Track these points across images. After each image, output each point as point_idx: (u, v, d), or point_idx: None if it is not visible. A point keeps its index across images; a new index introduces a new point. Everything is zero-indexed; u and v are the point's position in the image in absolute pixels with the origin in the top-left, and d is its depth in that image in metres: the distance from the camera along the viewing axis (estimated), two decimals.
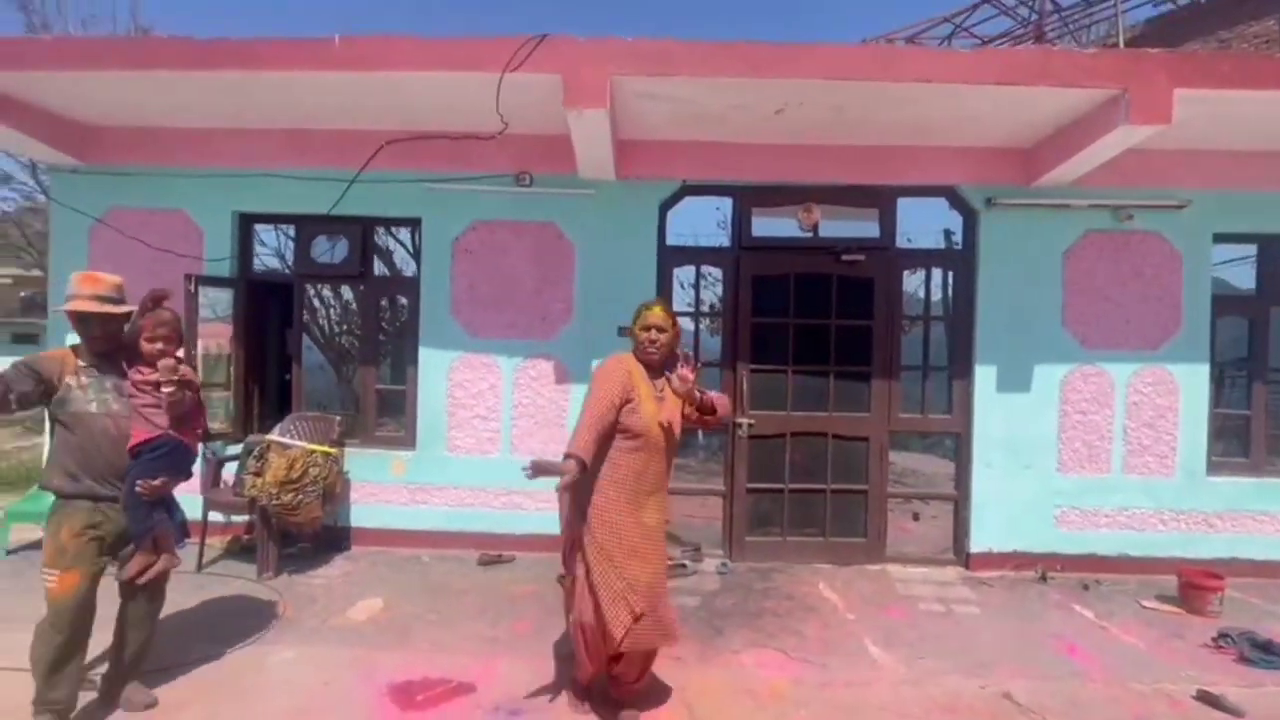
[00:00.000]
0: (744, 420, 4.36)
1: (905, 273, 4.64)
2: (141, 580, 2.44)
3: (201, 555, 4.04)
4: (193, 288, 4.31)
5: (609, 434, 2.35)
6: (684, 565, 4.18)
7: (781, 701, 2.70)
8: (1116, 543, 4.31)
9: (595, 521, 2.36)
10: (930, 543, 4.81)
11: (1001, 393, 4.34)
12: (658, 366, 2.54)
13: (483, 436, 4.48)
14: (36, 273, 12.14)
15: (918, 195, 4.49)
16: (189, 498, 4.39)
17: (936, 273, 4.74)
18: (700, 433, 7.57)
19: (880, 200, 4.44)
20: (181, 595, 3.59)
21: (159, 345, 2.39)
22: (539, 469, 2.17)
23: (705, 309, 6.27)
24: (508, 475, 4.42)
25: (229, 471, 4.34)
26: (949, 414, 4.51)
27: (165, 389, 2.35)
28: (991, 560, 4.31)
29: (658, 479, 2.46)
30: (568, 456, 2.22)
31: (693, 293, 7.51)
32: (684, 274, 4.97)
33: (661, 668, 2.91)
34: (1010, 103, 3.60)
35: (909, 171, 4.33)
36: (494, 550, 4.33)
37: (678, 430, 2.51)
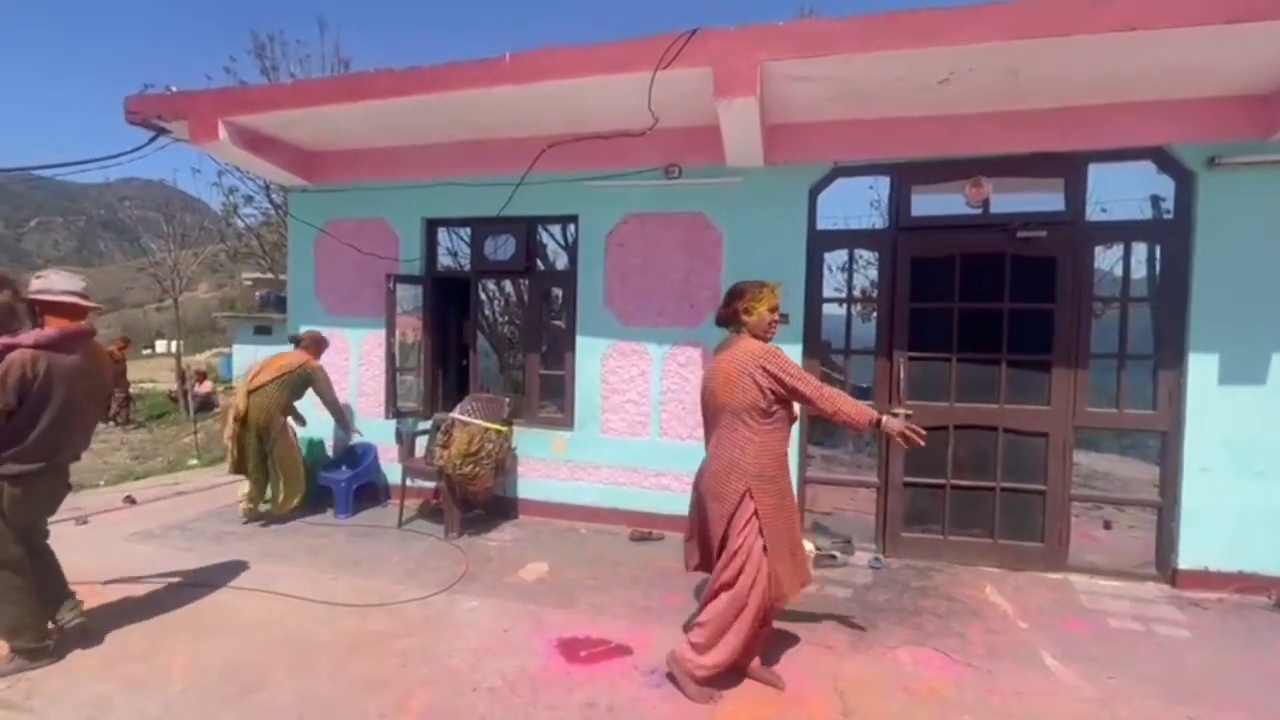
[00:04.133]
0: (900, 410, 4.15)
1: (1097, 249, 4.09)
2: None
3: (401, 514, 4.73)
4: (391, 286, 5.02)
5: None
6: (833, 556, 4.11)
7: (942, 703, 2.59)
8: None
9: (769, 492, 2.54)
10: (1125, 555, 4.24)
11: (1225, 386, 3.70)
12: None
13: (634, 420, 4.72)
14: (270, 275, 14.67)
15: (1115, 160, 3.93)
16: (391, 468, 5.20)
17: (1139, 248, 4.11)
18: None
19: (1066, 168, 3.96)
20: (389, 546, 4.26)
21: None
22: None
23: (858, 293, 6.00)
24: (658, 457, 4.66)
25: (419, 445, 5.03)
26: (1152, 410, 3.94)
27: None
28: (1208, 580, 3.72)
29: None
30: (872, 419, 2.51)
31: (841, 277, 7.25)
32: (834, 258, 4.82)
33: (809, 652, 2.94)
34: (1244, 43, 3.03)
35: (1102, 134, 3.81)
36: (644, 528, 4.57)
37: None
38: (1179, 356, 3.80)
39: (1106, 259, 4.55)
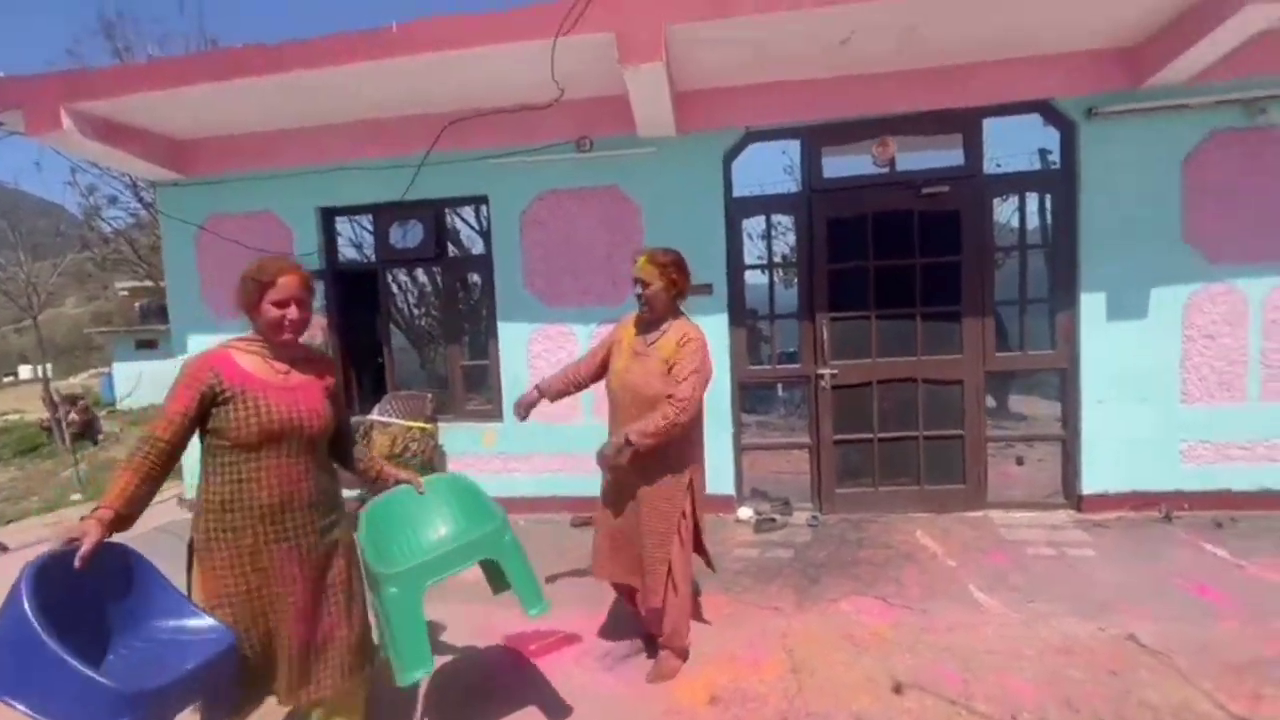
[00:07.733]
0: (825, 371, 4.25)
1: (995, 201, 4.31)
2: None
3: None
4: None
5: (582, 380, 2.92)
6: (773, 519, 4.18)
7: (884, 645, 2.68)
8: (1255, 477, 3.94)
9: None
10: (1037, 486, 4.57)
11: (1112, 321, 4.00)
12: (650, 321, 2.56)
13: (565, 403, 4.53)
14: (149, 283, 13.30)
15: (1006, 114, 4.12)
16: None
17: (1032, 198, 4.37)
18: (780, 386, 7.44)
19: (963, 125, 4.12)
20: None
21: None
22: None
23: (778, 260, 6.09)
24: (592, 440, 4.52)
25: None
26: (1052, 349, 4.22)
27: None
28: (1107, 502, 4.05)
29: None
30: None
31: (762, 244, 7.32)
32: (752, 226, 4.84)
33: (759, 616, 2.97)
34: None
35: (994, 89, 3.98)
36: (585, 513, 4.48)
37: (643, 389, 2.49)
38: (1072, 298, 4.07)
39: (1003, 211, 4.80)
